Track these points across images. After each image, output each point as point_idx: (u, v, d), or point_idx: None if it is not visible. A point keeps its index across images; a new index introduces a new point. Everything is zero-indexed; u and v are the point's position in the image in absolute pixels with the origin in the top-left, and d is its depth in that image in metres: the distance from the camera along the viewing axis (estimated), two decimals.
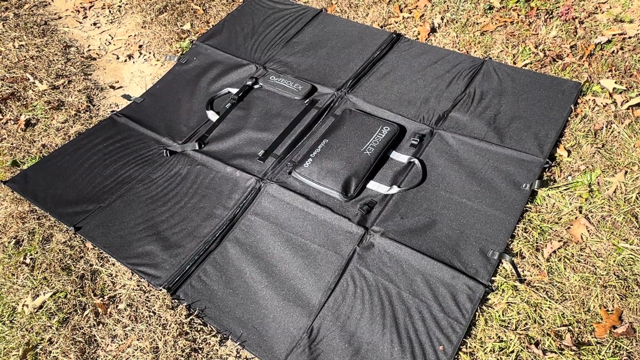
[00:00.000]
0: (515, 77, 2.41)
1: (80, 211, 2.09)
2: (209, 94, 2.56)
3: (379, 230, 1.90)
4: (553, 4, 2.80)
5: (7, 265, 1.96)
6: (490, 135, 2.17)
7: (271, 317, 1.74)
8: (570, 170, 2.05)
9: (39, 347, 1.74)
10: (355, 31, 2.78)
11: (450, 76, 2.45)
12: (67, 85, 2.72)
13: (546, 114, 2.23)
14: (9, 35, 3.04)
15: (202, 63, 2.73)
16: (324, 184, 2.02)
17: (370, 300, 1.73)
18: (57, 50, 2.94)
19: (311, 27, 2.85)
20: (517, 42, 2.61)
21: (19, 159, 2.34)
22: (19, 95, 2.65)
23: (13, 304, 1.86)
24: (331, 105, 2.40)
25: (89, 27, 3.17)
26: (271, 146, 2.25)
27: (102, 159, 2.29)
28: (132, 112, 2.51)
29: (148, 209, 2.08)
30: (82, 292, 1.87)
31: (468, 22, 2.78)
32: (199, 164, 2.23)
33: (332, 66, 2.60)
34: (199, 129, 2.39)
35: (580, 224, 1.87)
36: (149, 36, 2.99)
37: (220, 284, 1.84)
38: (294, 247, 1.90)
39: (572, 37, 2.59)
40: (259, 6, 3.03)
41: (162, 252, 1.93)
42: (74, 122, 2.50)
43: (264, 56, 2.71)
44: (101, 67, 2.89)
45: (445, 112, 2.29)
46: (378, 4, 2.96)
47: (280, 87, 2.48)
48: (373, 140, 2.13)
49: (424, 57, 2.58)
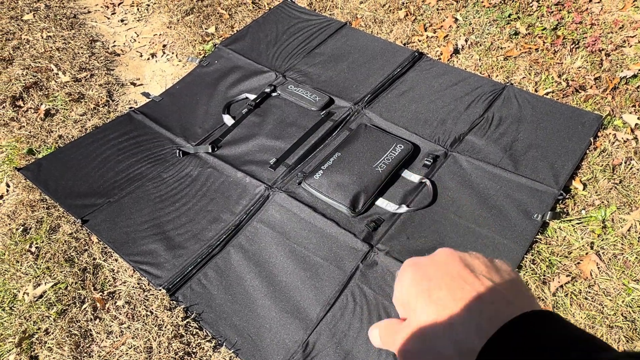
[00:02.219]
0: (535, 104, 2.37)
1: (89, 204, 2.10)
2: (226, 98, 2.58)
3: (383, 248, 1.88)
4: (580, 34, 2.76)
5: (13, 251, 1.98)
6: (505, 161, 2.14)
7: (267, 327, 1.72)
8: (585, 204, 2.01)
9: (34, 337, 1.75)
10: (377, 47, 2.77)
11: (470, 99, 2.43)
12: (89, 78, 2.75)
13: (564, 145, 2.19)
14: (38, 25, 3.10)
15: (223, 67, 2.75)
16: (333, 197, 2.01)
17: (369, 319, 1.70)
18: (83, 43, 2.99)
19: (334, 39, 2.85)
20: (541, 70, 2.58)
21: (35, 147, 2.37)
22: (41, 85, 2.69)
23: (14, 291, 1.88)
24: (347, 119, 2.39)
25: (116, 23, 3.22)
26: (283, 155, 2.25)
27: (115, 154, 2.31)
28: (150, 110, 2.53)
29: (156, 208, 2.09)
30: (82, 285, 1.87)
31: (492, 45, 2.75)
32: (210, 167, 2.23)
33: (351, 80, 2.60)
34: (213, 132, 2.40)
35: (591, 260, 1.82)
36: (173, 36, 3.03)
37: (219, 289, 1.83)
38: (297, 258, 1.89)
39: (597, 68, 2.55)
40: (284, 15, 3.04)
41: (165, 252, 1.93)
42: (92, 116, 2.52)
43: (285, 65, 2.72)
44: (124, 64, 2.92)
45: (462, 134, 2.27)
46: (403, 21, 2.96)
47: (297, 97, 2.48)
48: (386, 157, 2.11)
49: (444, 77, 2.56)
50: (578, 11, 2.91)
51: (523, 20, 2.89)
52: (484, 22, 2.90)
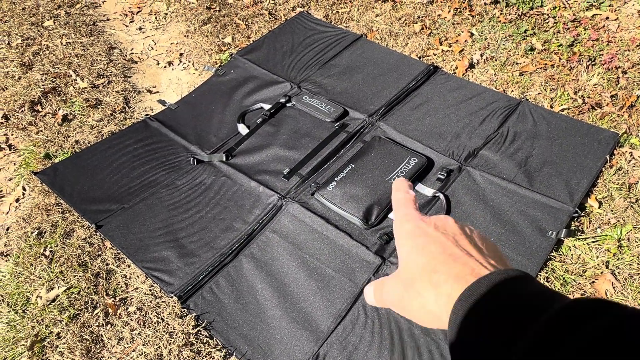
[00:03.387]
0: (551, 121, 2.36)
1: (103, 209, 2.12)
2: (241, 107, 2.59)
3: (396, 262, 1.87)
4: (596, 51, 2.75)
5: (27, 255, 2.00)
6: (519, 177, 2.13)
7: (278, 337, 1.72)
8: (600, 222, 1.99)
9: (46, 340, 1.76)
10: (392, 60, 2.78)
11: (485, 113, 2.43)
12: (106, 85, 2.79)
13: (580, 162, 2.18)
14: (58, 32, 3.15)
15: (239, 76, 2.77)
16: (346, 209, 2.01)
17: (380, 332, 1.69)
18: (102, 50, 3.03)
19: (349, 51, 2.87)
20: (556, 86, 2.57)
21: (52, 152, 2.40)
22: (59, 90, 2.73)
23: (28, 294, 1.89)
24: (361, 131, 2.39)
25: (134, 31, 3.26)
26: (297, 165, 2.25)
27: (130, 160, 2.33)
28: (166, 118, 2.56)
29: (169, 215, 2.10)
30: (95, 290, 1.88)
31: (508, 61, 2.75)
32: (223, 176, 2.25)
33: (366, 92, 2.61)
34: (228, 141, 2.42)
35: (606, 279, 1.80)
36: (190, 45, 3.06)
37: (231, 298, 1.83)
38: (308, 269, 1.88)
39: (613, 86, 2.54)
40: (301, 26, 3.07)
41: (177, 260, 1.94)
42: (109, 122, 2.55)
43: (300, 75, 2.74)
44: (141, 71, 2.96)
45: (476, 149, 2.26)
46: (418, 35, 2.97)
47: (312, 108, 2.49)
48: (399, 170, 2.11)
49: (459, 91, 2.56)
50: (595, 28, 2.91)
51: (539, 36, 2.89)
52: (500, 37, 2.90)
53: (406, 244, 0.41)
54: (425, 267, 0.38)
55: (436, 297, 0.36)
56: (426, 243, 0.39)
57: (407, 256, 0.40)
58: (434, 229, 0.41)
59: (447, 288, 0.35)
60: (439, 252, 0.38)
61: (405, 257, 0.40)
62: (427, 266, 0.38)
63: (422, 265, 0.38)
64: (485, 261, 0.37)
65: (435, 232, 0.40)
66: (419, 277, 0.38)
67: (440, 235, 0.40)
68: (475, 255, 0.38)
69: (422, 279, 0.37)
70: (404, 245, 0.41)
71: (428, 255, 0.38)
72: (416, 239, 0.41)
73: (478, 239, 0.41)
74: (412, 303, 0.39)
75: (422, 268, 0.38)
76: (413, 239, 0.41)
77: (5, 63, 2.90)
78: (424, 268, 0.38)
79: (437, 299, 0.36)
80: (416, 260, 0.39)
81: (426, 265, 0.38)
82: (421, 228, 0.41)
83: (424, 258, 0.39)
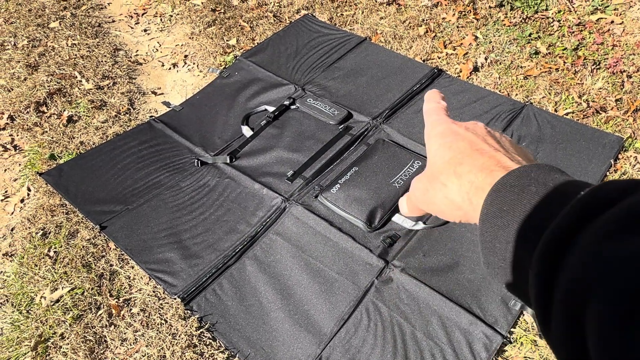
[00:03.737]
0: (555, 124, 2.36)
1: (107, 211, 2.13)
2: (246, 109, 2.60)
3: (399, 265, 1.87)
4: (601, 55, 2.75)
5: (32, 255, 2.01)
6: None
7: (281, 340, 1.72)
8: None
9: (50, 341, 1.76)
10: (397, 62, 2.78)
11: (489, 117, 2.42)
12: (111, 86, 2.80)
13: (584, 166, 2.17)
14: (63, 33, 3.16)
15: (243, 79, 2.78)
16: (349, 211, 2.01)
17: (383, 336, 1.69)
18: (107, 52, 3.04)
19: (354, 54, 2.87)
20: (561, 90, 2.57)
21: (57, 152, 2.41)
22: (65, 91, 2.74)
23: (32, 294, 1.90)
24: (365, 134, 2.40)
25: (139, 32, 3.28)
26: (301, 168, 2.26)
27: (135, 161, 2.34)
28: (170, 119, 2.57)
29: (173, 217, 2.10)
30: (99, 291, 1.89)
31: (512, 64, 2.75)
32: (227, 177, 2.25)
33: (370, 95, 2.61)
34: (232, 143, 2.42)
35: None
36: (195, 47, 3.07)
37: (234, 300, 1.83)
38: (311, 271, 1.89)
39: (618, 90, 2.53)
40: (305, 29, 3.07)
41: (181, 261, 1.94)
42: (113, 123, 2.56)
43: (304, 78, 2.74)
44: (146, 73, 2.97)
45: None
46: (423, 38, 2.97)
47: (316, 110, 2.49)
48: (403, 173, 2.11)
49: (463, 95, 2.56)
50: (599, 32, 2.90)
51: (544, 39, 2.89)
52: (504, 40, 2.90)
53: (435, 142, 0.42)
54: (452, 161, 0.39)
55: (459, 186, 0.37)
56: (455, 140, 0.40)
57: (435, 153, 0.41)
58: (465, 129, 0.42)
59: (471, 177, 0.36)
60: (467, 147, 0.39)
61: (433, 154, 0.41)
62: (453, 160, 0.39)
63: (449, 159, 0.39)
64: (512, 157, 0.37)
65: (465, 132, 0.41)
66: (444, 170, 0.39)
67: (471, 134, 0.41)
68: (502, 151, 0.38)
69: (447, 171, 0.39)
70: (433, 144, 0.42)
71: (456, 150, 0.39)
72: (445, 137, 0.41)
73: (507, 142, 0.41)
74: (436, 195, 0.40)
75: (449, 162, 0.39)
76: (443, 137, 0.42)
77: (11, 64, 2.92)
78: (450, 161, 0.39)
79: (460, 187, 0.37)
80: (443, 156, 0.40)
81: (452, 159, 0.39)
82: (452, 129, 0.42)
83: (451, 153, 0.40)
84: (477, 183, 0.36)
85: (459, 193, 0.37)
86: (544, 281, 0.27)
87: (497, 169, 0.35)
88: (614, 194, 0.26)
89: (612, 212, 0.25)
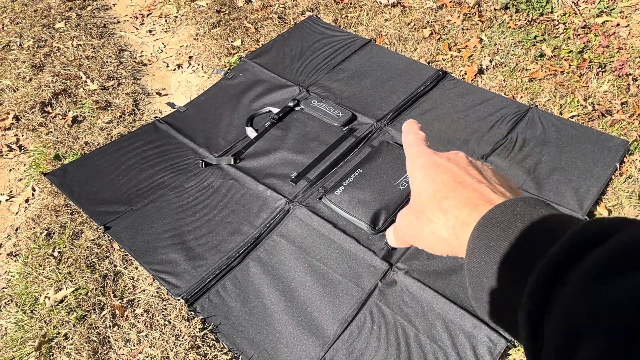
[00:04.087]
0: (560, 127, 2.35)
1: (112, 211, 2.13)
2: (250, 110, 2.60)
3: (403, 267, 1.86)
4: (607, 58, 2.74)
5: (36, 255, 2.01)
6: (528, 184, 2.12)
7: (284, 342, 1.72)
8: None
9: (54, 341, 1.77)
10: (401, 64, 2.78)
11: (493, 119, 2.42)
12: (116, 87, 2.80)
13: (589, 170, 2.16)
14: (69, 34, 3.17)
15: (248, 80, 2.78)
16: (353, 213, 2.01)
17: (387, 338, 1.69)
18: (112, 52, 3.05)
19: (358, 55, 2.87)
20: (566, 93, 2.56)
21: (61, 153, 2.41)
22: (70, 92, 2.75)
23: (36, 294, 1.90)
24: (369, 136, 2.39)
25: (144, 33, 3.28)
26: (305, 169, 2.26)
27: (139, 162, 2.34)
28: (174, 120, 2.57)
29: (177, 218, 2.11)
30: (102, 291, 1.89)
31: (517, 67, 2.74)
32: (231, 179, 2.25)
33: (374, 97, 2.60)
34: (236, 144, 2.42)
35: None
36: (199, 48, 3.07)
37: (237, 302, 1.83)
38: (315, 273, 1.88)
39: (624, 93, 2.52)
40: (310, 30, 3.07)
41: (185, 262, 1.94)
42: (118, 124, 2.57)
43: (309, 79, 2.74)
44: (150, 74, 2.97)
45: (485, 155, 2.26)
46: (427, 40, 2.96)
47: (320, 112, 2.49)
48: (407, 175, 2.10)
49: (468, 97, 2.56)
50: (605, 35, 2.89)
51: (549, 42, 2.88)
52: (509, 43, 2.90)
53: (418, 175, 0.42)
54: (436, 195, 0.39)
55: (445, 221, 0.37)
56: (437, 173, 0.40)
57: (419, 186, 0.41)
58: (447, 160, 0.42)
59: (456, 212, 0.36)
60: (450, 180, 0.39)
61: (417, 188, 0.41)
62: (437, 193, 0.39)
63: (433, 192, 0.39)
64: (495, 188, 0.38)
65: (447, 163, 0.41)
66: (429, 205, 0.39)
67: (453, 165, 0.41)
68: (486, 183, 0.38)
69: (432, 206, 0.39)
70: (416, 176, 0.42)
71: (439, 183, 0.39)
72: (428, 170, 0.41)
73: (489, 171, 0.41)
74: (423, 230, 0.40)
75: (433, 195, 0.39)
76: (425, 169, 0.42)
77: (16, 64, 2.93)
78: (434, 195, 0.39)
79: (445, 222, 0.37)
80: (427, 189, 0.40)
81: (437, 192, 0.39)
82: (434, 160, 0.42)
83: (434, 186, 0.39)
84: (462, 218, 0.36)
85: (445, 228, 0.37)
86: (533, 323, 0.27)
87: (481, 203, 0.35)
88: (601, 232, 0.27)
89: (601, 251, 0.25)
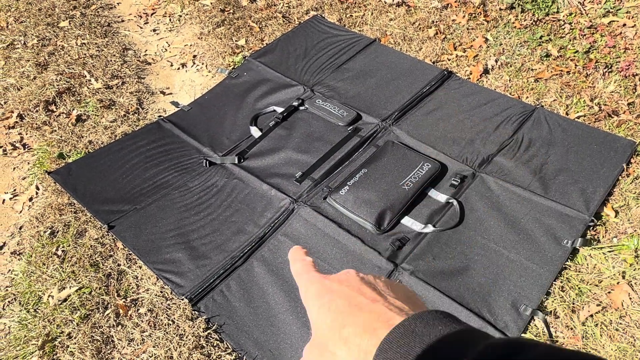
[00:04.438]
0: (566, 128, 2.34)
1: (115, 210, 2.12)
2: (254, 110, 2.59)
3: (408, 268, 1.85)
4: (613, 58, 2.72)
5: (40, 254, 2.01)
6: (534, 185, 2.10)
7: (288, 342, 1.71)
8: (617, 232, 1.96)
9: (57, 340, 1.76)
10: (406, 64, 2.77)
11: (499, 120, 2.40)
12: (120, 86, 2.80)
13: (596, 170, 2.15)
14: (73, 32, 3.17)
15: (252, 79, 2.77)
16: (358, 213, 2.00)
17: None
18: (116, 51, 3.05)
19: (363, 55, 2.86)
20: (572, 93, 2.54)
21: (65, 152, 2.41)
22: (74, 90, 2.74)
23: (40, 293, 1.89)
24: (374, 135, 2.38)
25: (148, 32, 3.28)
26: (309, 169, 2.25)
27: (143, 161, 2.33)
28: (178, 119, 2.56)
29: (181, 217, 2.10)
30: (106, 290, 1.88)
31: (523, 67, 2.73)
32: (235, 178, 2.24)
33: (379, 96, 2.59)
34: (240, 144, 2.41)
35: (622, 289, 1.77)
36: (204, 47, 3.07)
37: (241, 302, 1.82)
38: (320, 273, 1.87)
39: (630, 93, 2.51)
40: (314, 30, 3.07)
41: (188, 262, 1.93)
42: (122, 123, 2.56)
43: (313, 79, 2.73)
44: (154, 72, 2.97)
45: (490, 155, 2.24)
46: (432, 40, 2.95)
47: (325, 112, 2.48)
48: (413, 175, 2.09)
49: (473, 97, 2.54)
50: (611, 35, 2.88)
51: (555, 42, 2.87)
52: (515, 43, 2.88)
53: (314, 306, 0.40)
54: (334, 324, 0.37)
55: (348, 352, 0.35)
56: (332, 299, 0.39)
57: (316, 318, 0.39)
58: (338, 283, 0.40)
59: (357, 340, 0.35)
60: (345, 304, 0.38)
61: (315, 319, 0.40)
62: (335, 323, 0.37)
63: (331, 322, 0.38)
64: (391, 305, 0.37)
65: (339, 286, 0.40)
66: (330, 336, 0.37)
67: (345, 288, 0.39)
68: (381, 301, 0.37)
69: (333, 337, 0.37)
70: (312, 307, 0.40)
71: (335, 311, 0.38)
72: (322, 298, 0.40)
73: (383, 285, 0.40)
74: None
75: (331, 326, 0.37)
76: (319, 298, 0.40)
77: (21, 63, 2.93)
78: (332, 325, 0.37)
79: (349, 354, 0.35)
80: (325, 320, 0.38)
81: (334, 321, 0.37)
82: (326, 286, 0.41)
83: (331, 315, 0.38)
84: (363, 346, 0.34)
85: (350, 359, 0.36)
86: None
87: (379, 326, 0.34)
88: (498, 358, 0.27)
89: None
